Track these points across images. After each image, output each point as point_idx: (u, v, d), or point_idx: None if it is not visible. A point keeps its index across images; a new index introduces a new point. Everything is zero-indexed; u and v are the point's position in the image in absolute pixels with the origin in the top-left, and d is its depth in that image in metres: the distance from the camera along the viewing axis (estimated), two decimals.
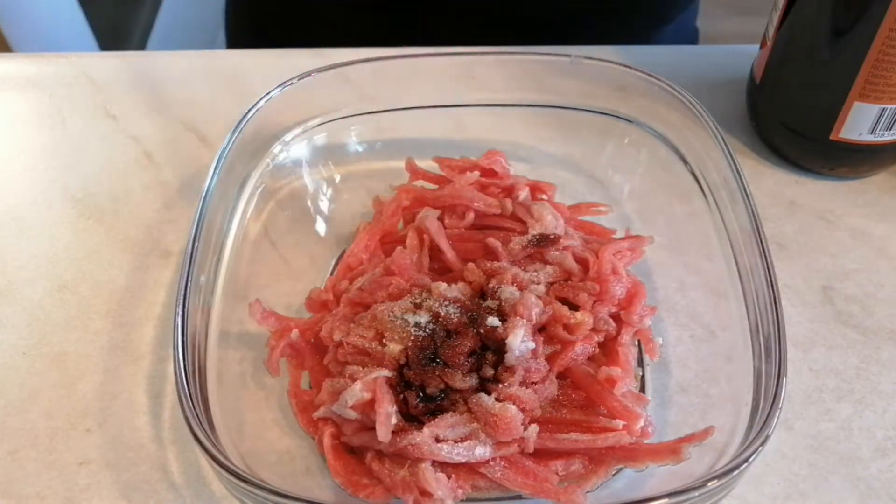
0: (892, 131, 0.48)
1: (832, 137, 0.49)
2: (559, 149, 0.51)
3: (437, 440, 0.34)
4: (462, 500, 0.34)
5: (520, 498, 0.36)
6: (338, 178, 0.50)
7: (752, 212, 0.40)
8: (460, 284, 0.40)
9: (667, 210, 0.48)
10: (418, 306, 0.38)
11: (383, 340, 0.37)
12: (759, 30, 0.53)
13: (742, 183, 0.41)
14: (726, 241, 0.42)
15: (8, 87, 0.60)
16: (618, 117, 0.49)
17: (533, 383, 0.36)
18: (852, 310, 0.45)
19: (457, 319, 0.37)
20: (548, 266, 0.41)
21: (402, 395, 0.36)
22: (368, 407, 0.35)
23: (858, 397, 0.42)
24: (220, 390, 0.38)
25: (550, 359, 0.38)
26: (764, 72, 0.51)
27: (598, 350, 0.39)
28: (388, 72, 0.49)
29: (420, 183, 0.47)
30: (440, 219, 0.44)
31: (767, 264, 0.38)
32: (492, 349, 0.37)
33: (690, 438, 0.36)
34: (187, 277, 0.38)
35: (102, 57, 0.64)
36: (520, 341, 0.36)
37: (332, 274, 0.46)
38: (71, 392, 0.42)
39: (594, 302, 0.40)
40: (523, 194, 0.45)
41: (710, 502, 0.33)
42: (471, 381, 0.36)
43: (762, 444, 0.32)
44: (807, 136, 0.50)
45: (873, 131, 0.47)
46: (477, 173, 0.45)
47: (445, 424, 0.34)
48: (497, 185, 0.46)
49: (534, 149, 0.51)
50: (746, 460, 0.32)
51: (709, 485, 0.31)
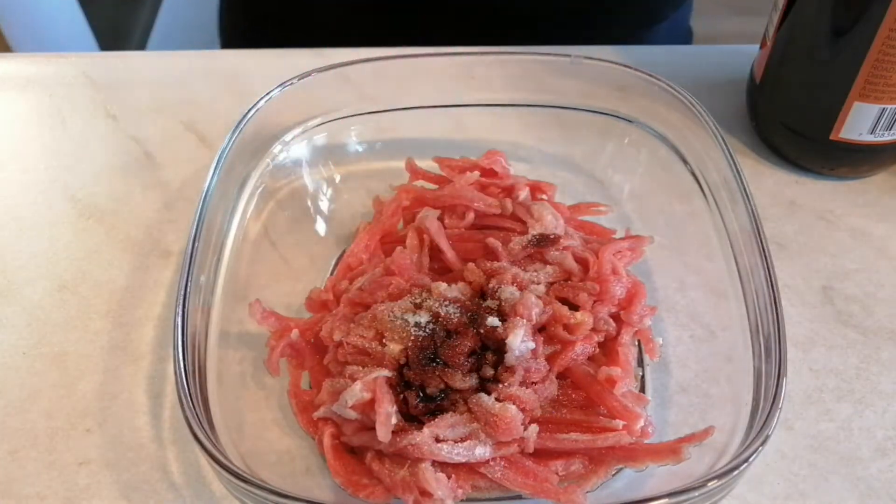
0: (892, 131, 0.48)
1: (832, 137, 0.49)
2: (559, 149, 0.51)
3: (437, 440, 0.34)
4: (462, 500, 0.34)
5: (520, 498, 0.36)
6: (338, 178, 0.50)
7: (752, 212, 0.40)
8: (460, 284, 0.40)
9: (667, 210, 0.48)
10: (418, 306, 0.38)
11: (383, 340, 0.37)
12: (758, 30, 0.53)
13: (742, 183, 0.41)
14: (726, 241, 0.42)
15: (8, 87, 0.60)
16: (618, 117, 0.49)
17: (533, 383, 0.36)
18: (852, 310, 0.45)
19: (457, 319, 0.37)
20: (548, 266, 0.41)
21: (402, 395, 0.36)
22: (368, 407, 0.35)
23: (858, 397, 0.42)
24: (220, 390, 0.38)
25: (550, 359, 0.38)
26: (764, 72, 0.51)
27: (598, 350, 0.39)
28: (388, 72, 0.49)
29: (420, 183, 0.47)
30: (440, 219, 0.44)
31: (767, 264, 0.38)
32: (492, 349, 0.37)
33: (690, 438, 0.36)
34: (187, 277, 0.38)
35: (102, 57, 0.64)
36: (520, 341, 0.36)
37: (332, 274, 0.46)
38: (71, 392, 0.42)
39: (594, 302, 0.40)
40: (523, 194, 0.45)
41: (710, 502, 0.33)
42: (471, 381, 0.36)
43: (762, 444, 0.32)
44: (807, 136, 0.50)
45: (873, 131, 0.47)
46: (477, 173, 0.45)
47: (445, 424, 0.34)
48: (497, 185, 0.46)
49: (534, 149, 0.51)
50: (746, 460, 0.32)
51: (709, 485, 0.31)
